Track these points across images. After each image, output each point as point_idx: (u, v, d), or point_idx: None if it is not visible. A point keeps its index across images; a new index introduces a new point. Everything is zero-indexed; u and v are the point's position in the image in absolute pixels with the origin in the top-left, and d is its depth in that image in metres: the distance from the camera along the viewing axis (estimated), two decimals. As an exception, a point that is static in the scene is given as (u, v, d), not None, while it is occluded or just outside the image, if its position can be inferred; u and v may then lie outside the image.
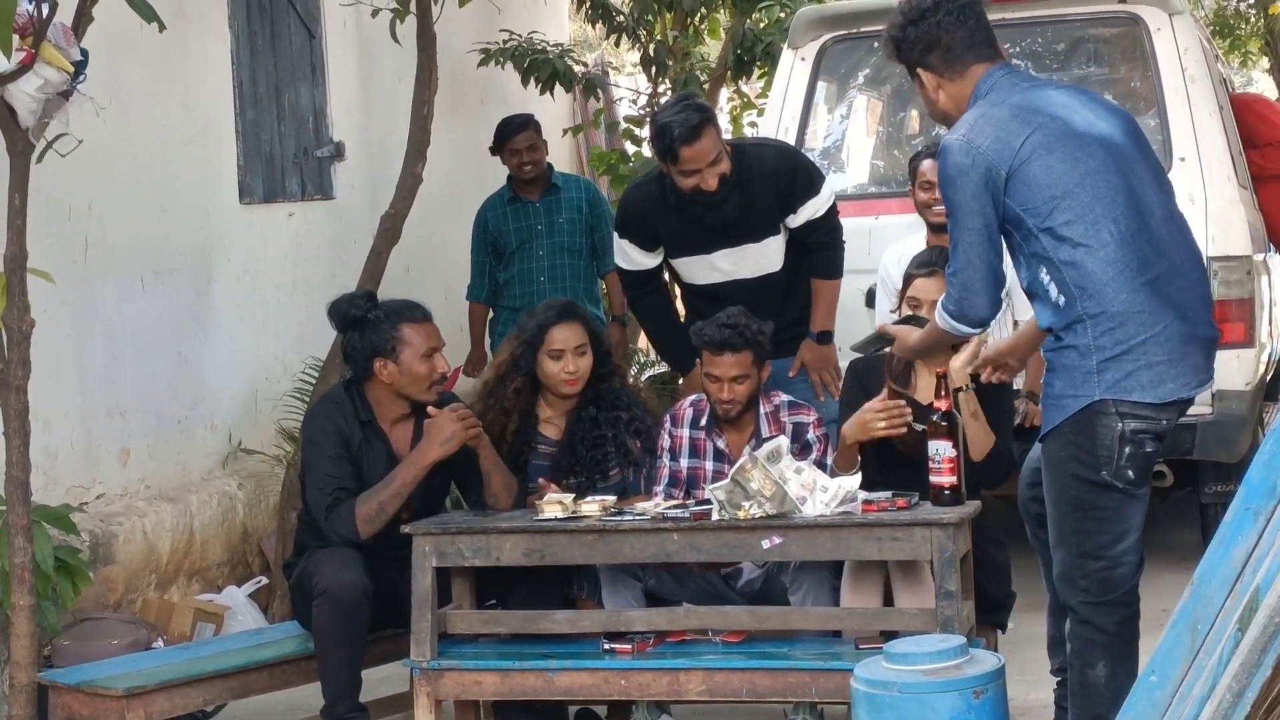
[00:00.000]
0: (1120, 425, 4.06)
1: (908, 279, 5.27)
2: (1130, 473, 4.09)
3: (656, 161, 5.87)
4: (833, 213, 5.99)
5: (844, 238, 6.06)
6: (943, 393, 4.72)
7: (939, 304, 4.28)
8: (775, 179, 5.85)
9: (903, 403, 5.01)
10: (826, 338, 6.01)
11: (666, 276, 6.26)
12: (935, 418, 4.73)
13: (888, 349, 5.05)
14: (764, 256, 5.91)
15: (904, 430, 4.97)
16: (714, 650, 4.87)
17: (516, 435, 5.39)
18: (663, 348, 6.44)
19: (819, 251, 5.99)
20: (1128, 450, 4.08)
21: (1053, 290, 4.11)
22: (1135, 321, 4.04)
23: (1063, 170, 4.05)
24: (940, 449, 4.71)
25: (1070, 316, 4.09)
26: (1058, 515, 4.19)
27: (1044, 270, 4.11)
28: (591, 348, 5.41)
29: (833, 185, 6.27)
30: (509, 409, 5.40)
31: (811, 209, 5.91)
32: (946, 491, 4.71)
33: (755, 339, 5.23)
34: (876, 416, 4.99)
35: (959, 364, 4.82)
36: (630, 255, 6.06)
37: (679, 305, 6.43)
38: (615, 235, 6.15)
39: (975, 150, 4.06)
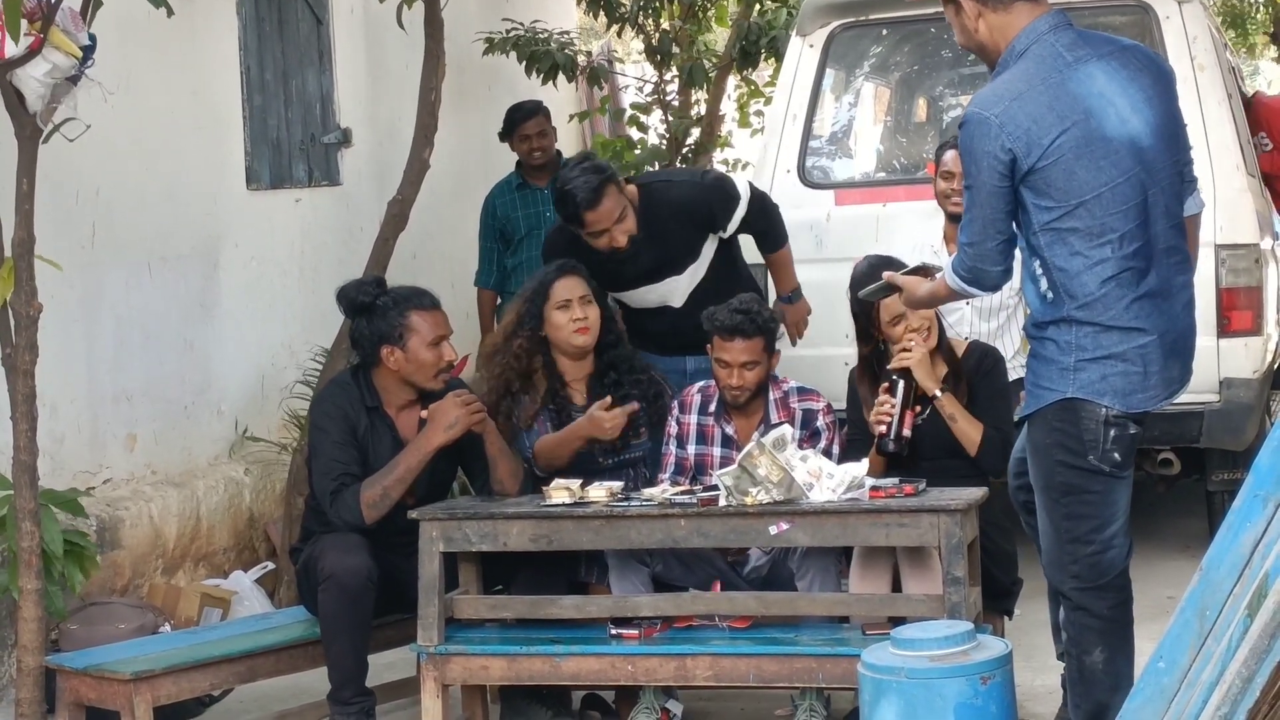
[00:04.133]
0: (1103, 410, 4.06)
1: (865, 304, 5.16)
2: (1116, 455, 4.09)
3: (648, 170, 5.85)
4: (758, 199, 5.96)
5: (776, 203, 6.07)
6: (913, 404, 5.05)
7: (950, 266, 4.23)
8: (690, 213, 5.83)
9: (890, 400, 5.08)
10: (796, 294, 6.07)
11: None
12: (891, 378, 5.10)
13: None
14: (691, 279, 5.90)
15: (886, 428, 5.07)
16: (721, 636, 4.87)
17: (547, 396, 5.41)
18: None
19: (762, 233, 6.03)
20: (1112, 433, 4.08)
21: (1043, 283, 4.10)
22: (1119, 333, 4.04)
23: (1085, 178, 4.00)
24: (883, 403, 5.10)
25: (1056, 314, 4.09)
26: (1047, 502, 4.19)
27: (1037, 263, 4.10)
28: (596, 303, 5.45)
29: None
30: (517, 369, 5.40)
31: (738, 215, 5.90)
32: (886, 441, 5.07)
33: (766, 325, 5.24)
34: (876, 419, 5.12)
35: (923, 374, 5.08)
36: None
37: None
38: None
39: (1003, 135, 4.00)
